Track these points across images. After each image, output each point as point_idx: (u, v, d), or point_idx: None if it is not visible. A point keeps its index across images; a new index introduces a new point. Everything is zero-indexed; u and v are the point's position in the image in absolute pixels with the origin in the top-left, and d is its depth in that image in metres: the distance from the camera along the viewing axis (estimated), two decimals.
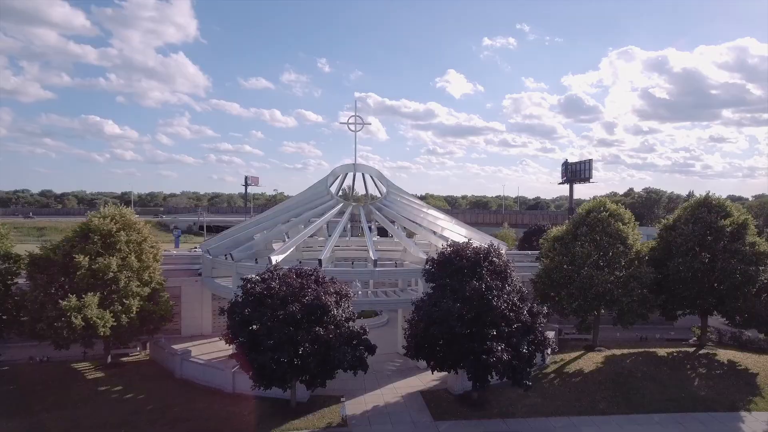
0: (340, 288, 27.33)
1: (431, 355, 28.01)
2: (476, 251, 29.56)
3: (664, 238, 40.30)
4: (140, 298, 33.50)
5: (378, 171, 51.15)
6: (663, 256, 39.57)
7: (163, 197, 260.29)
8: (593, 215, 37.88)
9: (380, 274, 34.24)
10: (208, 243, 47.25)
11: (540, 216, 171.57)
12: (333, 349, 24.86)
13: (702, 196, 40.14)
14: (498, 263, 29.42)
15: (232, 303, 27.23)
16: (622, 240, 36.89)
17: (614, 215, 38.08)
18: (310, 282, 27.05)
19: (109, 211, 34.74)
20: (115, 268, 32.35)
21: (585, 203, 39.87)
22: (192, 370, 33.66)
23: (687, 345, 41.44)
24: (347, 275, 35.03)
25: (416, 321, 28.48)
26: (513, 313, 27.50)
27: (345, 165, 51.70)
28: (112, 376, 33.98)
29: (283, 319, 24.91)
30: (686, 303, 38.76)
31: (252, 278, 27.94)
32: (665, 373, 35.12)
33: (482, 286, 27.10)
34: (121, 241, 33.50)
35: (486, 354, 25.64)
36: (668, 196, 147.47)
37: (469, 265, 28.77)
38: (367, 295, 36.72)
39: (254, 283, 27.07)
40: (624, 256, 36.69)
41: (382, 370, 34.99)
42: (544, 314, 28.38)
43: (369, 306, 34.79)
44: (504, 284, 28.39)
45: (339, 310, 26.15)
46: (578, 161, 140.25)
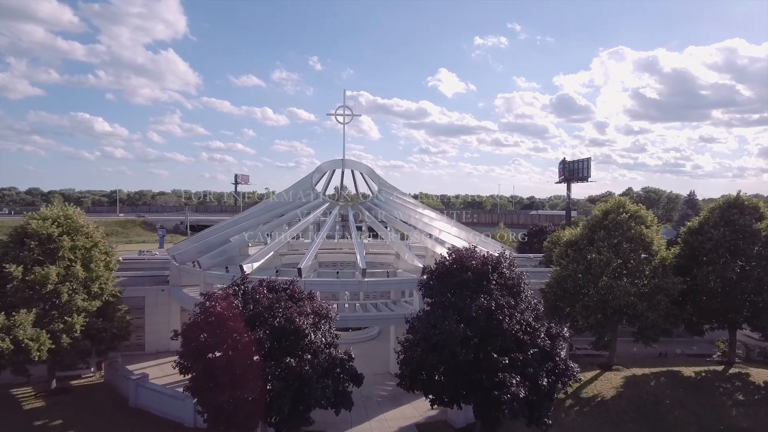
0: (319, 306, 22.50)
1: (429, 387, 23.27)
2: (483, 261, 24.85)
3: (688, 243, 35.86)
4: (87, 314, 28.51)
5: (369, 167, 46.44)
6: (687, 263, 35.18)
7: (151, 195, 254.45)
8: (612, 217, 33.34)
9: (370, 285, 29.53)
10: (177, 247, 42.22)
11: (537, 216, 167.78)
12: (308, 384, 20.05)
13: (732, 196, 35.74)
14: (509, 275, 24.75)
15: (187, 324, 22.34)
16: (646, 246, 32.38)
17: (635, 217, 33.55)
18: (282, 298, 22.21)
19: (51, 211, 29.64)
20: (55, 279, 27.33)
21: (600, 204, 35.35)
22: (148, 399, 28.75)
23: (713, 362, 37.09)
24: (332, 287, 30.30)
25: (411, 344, 23.74)
26: (528, 335, 22.81)
27: (332, 161, 46.92)
28: (54, 405, 28.90)
29: (248, 347, 20.06)
30: (715, 316, 34.42)
31: (214, 293, 23.06)
32: (696, 399, 30.70)
33: (491, 303, 22.41)
34: (65, 248, 28.45)
35: (497, 388, 20.94)
36: (667, 195, 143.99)
37: (475, 277, 24.06)
38: (354, 308, 31.94)
39: (214, 300, 22.18)
40: (647, 264, 32.22)
41: (372, 395, 30.26)
42: (565, 337, 23.74)
43: (356, 322, 30.10)
44: (517, 301, 23.73)
45: (317, 335, 21.35)
46: (576, 160, 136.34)
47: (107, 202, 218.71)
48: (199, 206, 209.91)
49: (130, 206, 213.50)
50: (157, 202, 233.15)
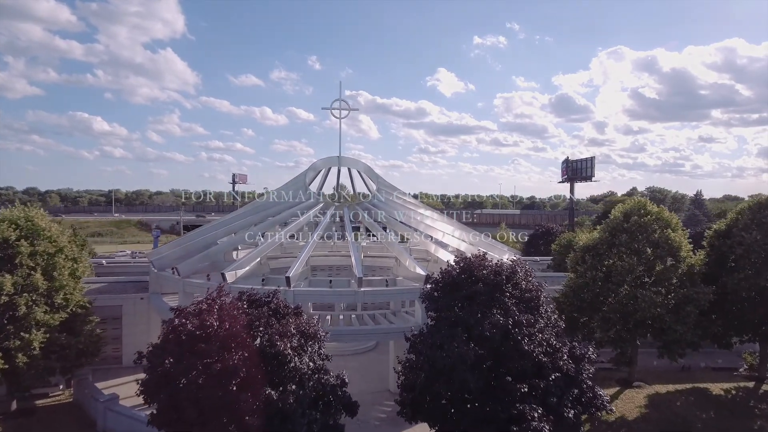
0: (306, 324, 19.35)
1: (434, 418, 20.14)
2: (496, 270, 21.74)
3: (715, 248, 32.75)
4: (49, 329, 25.34)
5: (366, 165, 43.33)
6: (714, 270, 32.09)
7: (148, 195, 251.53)
8: (634, 220, 30.18)
9: (367, 296, 26.42)
10: (158, 251, 39.05)
11: (538, 216, 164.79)
12: (291, 419, 16.92)
13: (763, 196, 32.61)
14: (526, 286, 21.63)
15: (153, 346, 19.21)
16: (672, 251, 29.26)
17: (659, 219, 30.42)
18: (264, 315, 19.07)
19: (9, 213, 26.47)
20: (11, 290, 24.15)
21: (619, 205, 32.19)
22: (118, 423, 25.60)
23: (741, 377, 34.04)
24: (324, 297, 27.12)
25: (413, 366, 20.62)
26: (549, 357, 19.74)
27: (327, 158, 43.81)
28: (13, 430, 25.76)
29: (220, 375, 16.93)
30: (746, 328, 31.34)
31: (185, 309, 19.93)
32: (729, 422, 27.60)
33: (507, 321, 19.30)
34: (23, 254, 25.27)
35: (515, 422, 17.84)
36: (673, 195, 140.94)
37: (487, 289, 20.94)
38: (350, 319, 28.80)
39: (185, 317, 19.05)
40: (674, 272, 29.11)
41: (368, 419, 27.05)
42: (592, 359, 20.62)
43: (351, 337, 26.97)
44: (535, 317, 20.62)
45: (303, 358, 18.22)
46: (580, 159, 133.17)
47: (104, 202, 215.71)
48: (197, 206, 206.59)
49: (127, 206, 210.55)
50: (154, 202, 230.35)
